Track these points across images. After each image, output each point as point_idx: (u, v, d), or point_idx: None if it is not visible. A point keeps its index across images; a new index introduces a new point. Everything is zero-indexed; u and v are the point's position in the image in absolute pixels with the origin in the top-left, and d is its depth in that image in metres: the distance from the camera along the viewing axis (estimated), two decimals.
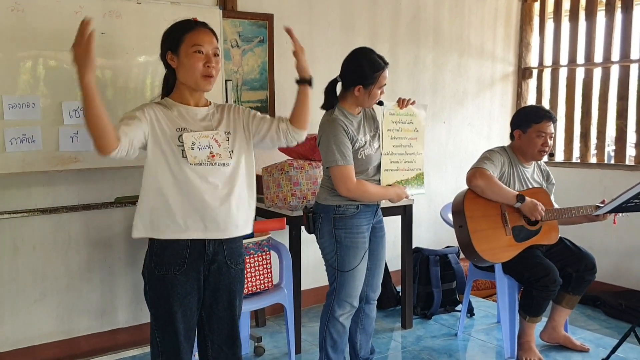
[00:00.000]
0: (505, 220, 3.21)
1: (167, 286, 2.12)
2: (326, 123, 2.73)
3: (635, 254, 4.46)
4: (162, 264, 2.12)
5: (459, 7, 4.85)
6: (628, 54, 4.53)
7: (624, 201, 3.06)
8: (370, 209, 2.82)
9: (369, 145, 2.78)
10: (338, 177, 2.69)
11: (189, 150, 2.08)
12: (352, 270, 2.75)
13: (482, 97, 5.11)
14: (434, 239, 4.75)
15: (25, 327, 3.24)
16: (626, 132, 4.59)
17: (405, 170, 2.90)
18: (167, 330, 2.15)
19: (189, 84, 2.15)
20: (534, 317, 3.25)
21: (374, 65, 2.71)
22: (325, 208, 2.77)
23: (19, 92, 2.91)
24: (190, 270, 2.14)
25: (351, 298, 2.79)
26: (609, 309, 4.25)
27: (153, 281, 2.15)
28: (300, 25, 4.03)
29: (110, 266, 3.45)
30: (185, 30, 2.14)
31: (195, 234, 2.12)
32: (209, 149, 2.12)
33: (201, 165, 2.10)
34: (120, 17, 3.14)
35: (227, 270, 2.21)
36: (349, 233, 2.74)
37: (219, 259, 2.19)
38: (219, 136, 2.16)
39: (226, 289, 2.22)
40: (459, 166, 4.92)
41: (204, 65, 2.11)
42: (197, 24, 2.17)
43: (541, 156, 3.35)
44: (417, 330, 3.87)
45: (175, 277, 2.12)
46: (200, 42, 2.11)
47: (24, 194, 3.15)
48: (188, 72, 2.12)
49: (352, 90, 2.73)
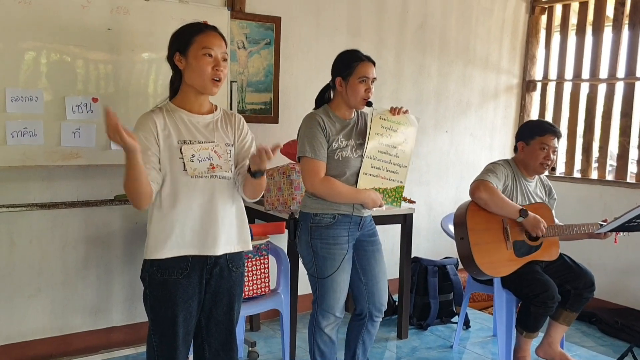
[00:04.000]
0: (506, 234, 3.19)
1: (170, 290, 2.08)
2: (305, 118, 2.73)
3: (633, 271, 4.45)
4: (164, 268, 2.08)
5: (466, 17, 4.84)
6: (634, 71, 4.53)
7: (627, 220, 3.05)
8: (350, 219, 2.73)
9: (350, 150, 2.71)
10: (305, 170, 2.67)
11: (188, 162, 2.06)
12: (330, 277, 2.69)
13: (486, 108, 5.10)
14: (433, 248, 4.74)
15: (19, 322, 3.21)
16: (628, 149, 4.58)
17: (385, 179, 2.80)
18: (166, 335, 2.12)
19: (196, 86, 2.11)
20: (530, 333, 3.24)
21: (352, 57, 2.72)
22: (304, 216, 2.75)
23: (22, 85, 2.88)
24: (193, 273, 2.11)
25: (333, 309, 2.75)
26: (605, 327, 4.23)
27: (154, 285, 2.11)
28: (307, 29, 4.03)
29: (107, 264, 3.42)
30: (195, 32, 2.11)
31: (194, 250, 2.09)
32: (209, 160, 2.10)
33: (201, 177, 2.08)
34: (127, 14, 3.11)
35: (228, 274, 2.18)
36: (325, 244, 2.70)
37: (221, 262, 2.16)
38: (219, 148, 2.13)
39: (227, 292, 2.20)
40: (459, 176, 4.91)
41: (213, 69, 2.08)
42: (208, 27, 2.15)
43: (543, 169, 3.33)
44: (412, 340, 3.85)
45: (178, 281, 2.09)
46: (210, 45, 2.09)
47: (22, 188, 3.12)
48: (196, 74, 2.09)
49: (336, 86, 2.72)
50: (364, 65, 2.69)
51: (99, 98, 3.07)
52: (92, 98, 3.06)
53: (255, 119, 3.76)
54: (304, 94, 4.02)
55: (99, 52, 3.07)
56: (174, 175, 2.07)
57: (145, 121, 2.09)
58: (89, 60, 3.05)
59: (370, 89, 2.71)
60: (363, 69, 2.69)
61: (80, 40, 3.00)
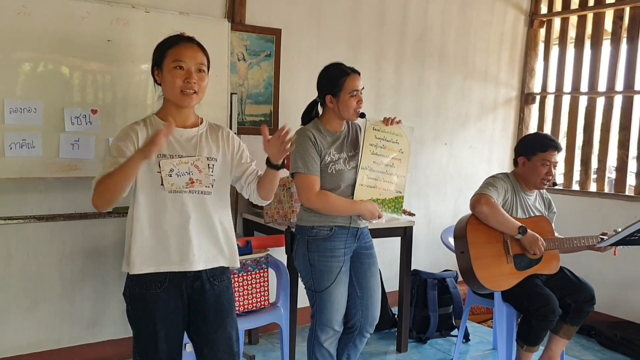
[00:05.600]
0: (507, 248, 3.18)
1: (149, 305, 2.04)
2: (296, 133, 2.71)
3: (632, 284, 4.43)
4: (142, 282, 2.05)
5: (465, 30, 4.85)
6: (632, 84, 4.53)
7: (628, 235, 3.04)
8: (347, 231, 2.72)
9: (343, 163, 2.71)
10: (299, 187, 2.67)
11: (166, 177, 2.02)
12: (327, 290, 2.67)
13: (485, 120, 5.11)
14: (432, 261, 4.71)
15: (16, 335, 3.17)
16: (627, 162, 4.58)
17: (383, 189, 2.80)
18: (149, 352, 2.07)
19: (171, 99, 2.09)
20: (531, 347, 3.22)
21: (338, 73, 2.72)
22: (301, 229, 2.74)
23: (21, 96, 2.86)
24: (171, 287, 2.06)
25: (332, 322, 2.73)
26: (604, 340, 4.21)
27: (134, 300, 2.08)
28: (307, 41, 4.03)
29: (104, 276, 3.39)
30: (168, 46, 2.08)
31: (171, 267, 2.05)
32: (189, 175, 2.05)
33: (179, 192, 2.05)
34: (127, 25, 3.11)
35: (210, 287, 2.13)
36: (322, 256, 2.68)
37: (202, 276, 2.11)
38: (200, 162, 2.08)
39: (212, 307, 2.13)
40: (458, 189, 4.90)
41: (184, 81, 2.04)
42: (182, 39, 2.11)
43: (544, 185, 3.32)
44: (412, 354, 3.82)
45: (157, 294, 2.04)
46: (180, 58, 2.05)
47: (20, 200, 3.10)
48: (169, 88, 2.07)
49: (326, 103, 2.72)
50: (351, 79, 2.70)
51: (98, 109, 3.06)
52: (92, 109, 3.05)
53: (255, 131, 3.74)
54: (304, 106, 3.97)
55: (98, 64, 3.06)
56: (151, 189, 2.04)
57: (127, 131, 2.08)
58: (88, 72, 3.04)
59: (361, 99, 2.72)
60: (351, 83, 2.69)
61: (80, 52, 3.00)
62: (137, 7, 3.14)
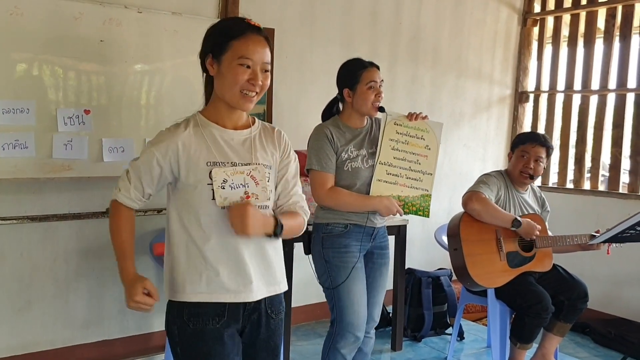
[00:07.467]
0: (500, 245, 3.19)
1: (209, 343, 1.71)
2: (313, 130, 2.72)
3: (626, 282, 4.45)
4: (197, 315, 1.73)
5: (458, 29, 4.86)
6: (625, 82, 4.55)
7: (620, 231, 3.05)
8: (363, 230, 2.68)
9: (361, 160, 2.67)
10: (312, 183, 2.66)
11: (218, 189, 1.70)
12: (345, 286, 2.61)
13: (479, 119, 5.12)
14: (427, 259, 4.72)
15: (9, 336, 3.17)
16: (620, 160, 4.60)
17: (406, 187, 2.74)
18: None
19: (225, 99, 1.76)
20: (524, 344, 3.23)
21: (355, 65, 2.71)
22: (317, 227, 2.73)
23: (13, 97, 2.86)
24: (231, 320, 1.76)
25: (353, 327, 2.64)
26: (598, 337, 4.23)
27: (187, 339, 1.73)
28: (301, 40, 4.03)
29: (98, 276, 3.39)
30: (233, 35, 1.72)
31: (228, 296, 1.75)
32: (244, 187, 1.74)
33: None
34: (120, 25, 3.11)
35: (267, 321, 1.83)
36: (337, 252, 2.66)
37: (261, 307, 1.81)
38: (257, 172, 1.76)
39: (264, 345, 1.84)
40: (453, 187, 4.91)
41: (248, 82, 1.72)
42: (250, 28, 1.74)
43: (523, 178, 3.33)
44: (406, 352, 3.83)
45: (217, 330, 1.73)
46: (248, 55, 1.71)
47: (13, 201, 3.09)
48: (226, 87, 1.74)
49: (345, 97, 2.71)
50: (369, 71, 2.68)
51: (91, 110, 3.06)
52: (85, 110, 3.05)
53: None
54: (298, 105, 4.02)
55: (91, 64, 3.06)
56: (200, 204, 1.73)
57: (164, 139, 1.76)
58: (81, 72, 3.04)
59: (380, 93, 2.68)
60: (369, 74, 2.67)
61: (73, 52, 3.00)
62: (130, 8, 3.14)
